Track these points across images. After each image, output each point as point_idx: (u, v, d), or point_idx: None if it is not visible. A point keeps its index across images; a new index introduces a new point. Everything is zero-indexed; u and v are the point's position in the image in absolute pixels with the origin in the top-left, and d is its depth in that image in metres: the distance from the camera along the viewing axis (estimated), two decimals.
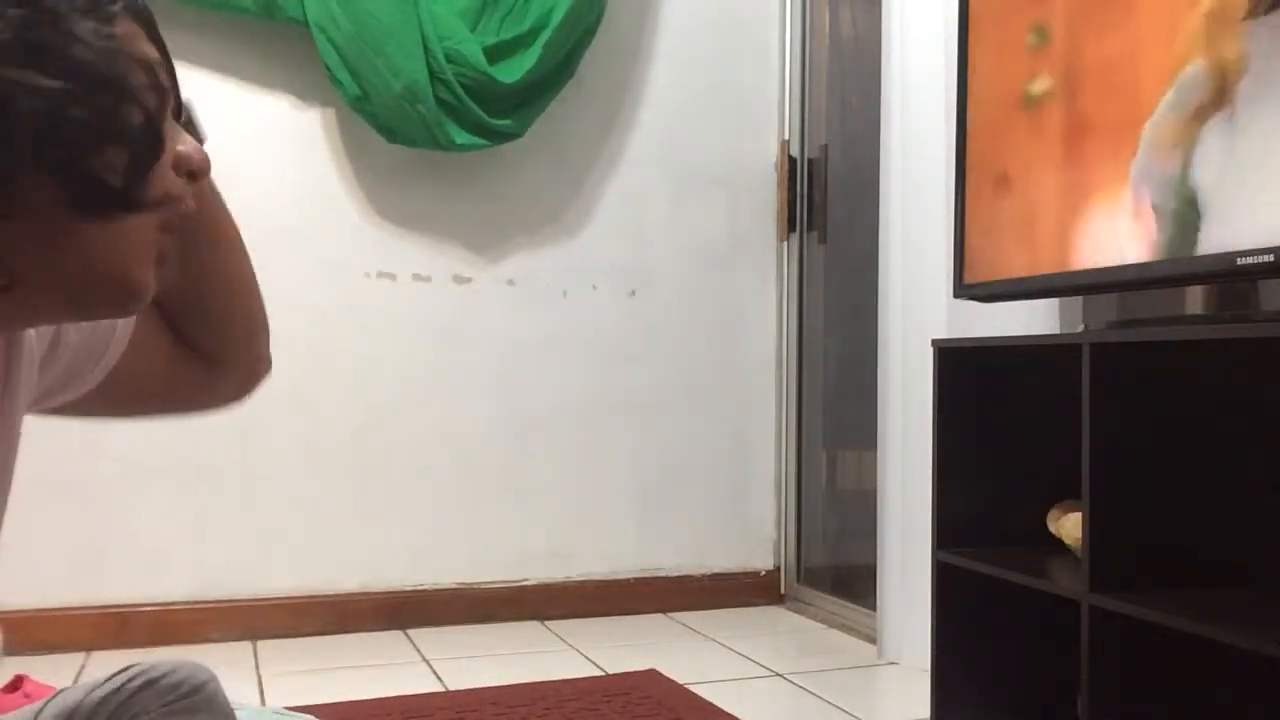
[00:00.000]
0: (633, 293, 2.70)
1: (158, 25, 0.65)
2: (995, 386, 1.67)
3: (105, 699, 0.83)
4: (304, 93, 2.45)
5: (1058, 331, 1.86)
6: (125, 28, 0.61)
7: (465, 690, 1.98)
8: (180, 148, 0.68)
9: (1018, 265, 1.61)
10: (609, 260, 2.68)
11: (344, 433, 2.47)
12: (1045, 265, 1.55)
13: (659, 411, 2.72)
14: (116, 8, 0.60)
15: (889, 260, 2.18)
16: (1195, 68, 1.29)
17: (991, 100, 1.67)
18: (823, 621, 2.60)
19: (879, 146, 2.22)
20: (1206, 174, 1.27)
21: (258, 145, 2.42)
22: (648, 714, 1.83)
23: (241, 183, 2.45)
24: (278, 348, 0.87)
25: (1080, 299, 1.83)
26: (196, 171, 0.69)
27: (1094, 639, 1.32)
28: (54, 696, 0.86)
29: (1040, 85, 1.56)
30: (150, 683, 0.83)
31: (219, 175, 0.73)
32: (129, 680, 0.84)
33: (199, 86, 2.37)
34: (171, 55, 0.67)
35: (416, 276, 2.54)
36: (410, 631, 2.45)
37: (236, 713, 0.91)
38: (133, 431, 2.30)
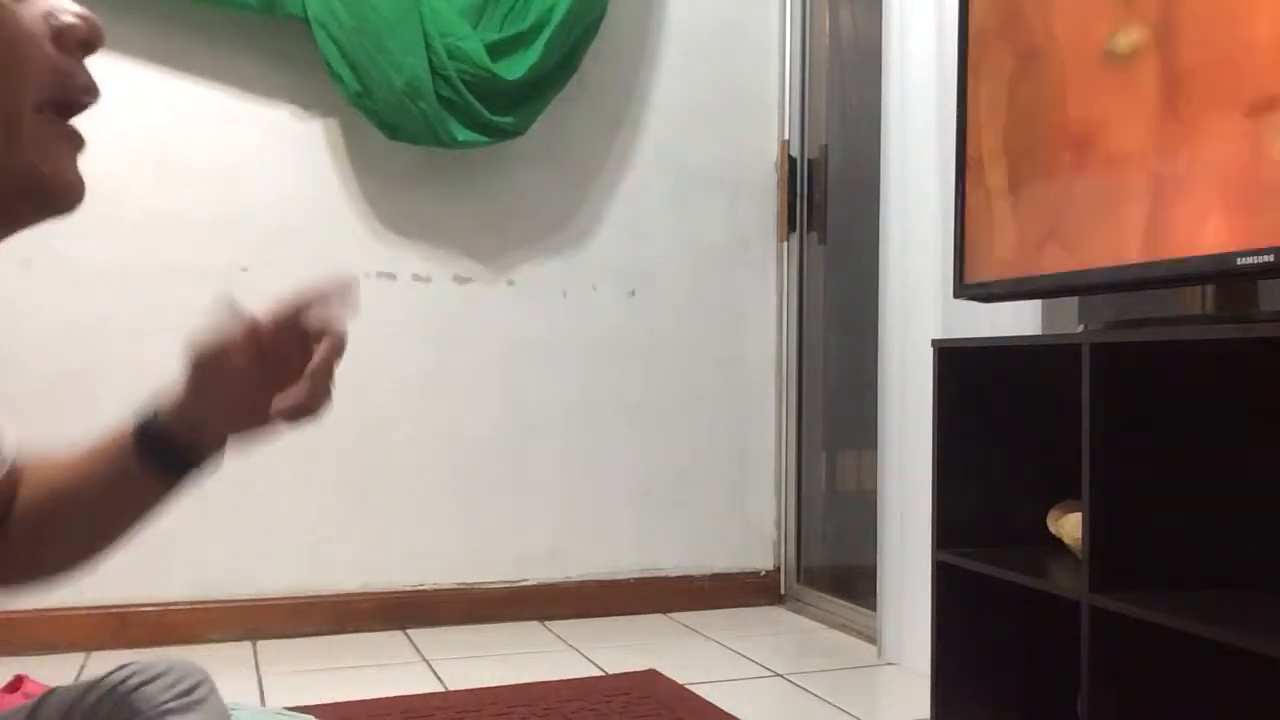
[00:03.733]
0: (633, 293, 2.70)
1: None
2: (995, 386, 1.67)
3: (101, 698, 0.83)
4: (305, 92, 2.44)
5: (1056, 331, 1.86)
6: None
7: (465, 690, 1.98)
8: (62, 17, 0.59)
9: (1018, 265, 1.61)
10: (609, 260, 2.68)
11: (344, 433, 2.47)
12: (1046, 265, 1.55)
13: (659, 411, 2.72)
14: None
15: (889, 260, 2.18)
16: None
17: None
18: (822, 621, 2.60)
19: (879, 146, 2.22)
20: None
21: (258, 145, 2.42)
22: (648, 714, 1.83)
23: (242, 183, 2.46)
24: None
25: (1079, 299, 1.83)
26: (89, 41, 0.61)
27: (1094, 639, 1.32)
28: (49, 694, 0.85)
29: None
30: (146, 682, 0.83)
31: (220, 175, 0.73)
32: (125, 679, 0.84)
33: (200, 86, 2.37)
34: (173, 55, 0.66)
35: (416, 277, 2.54)
36: (410, 631, 2.45)
37: (236, 713, 0.91)
38: None
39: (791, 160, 2.80)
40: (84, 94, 0.61)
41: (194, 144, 2.36)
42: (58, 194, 0.61)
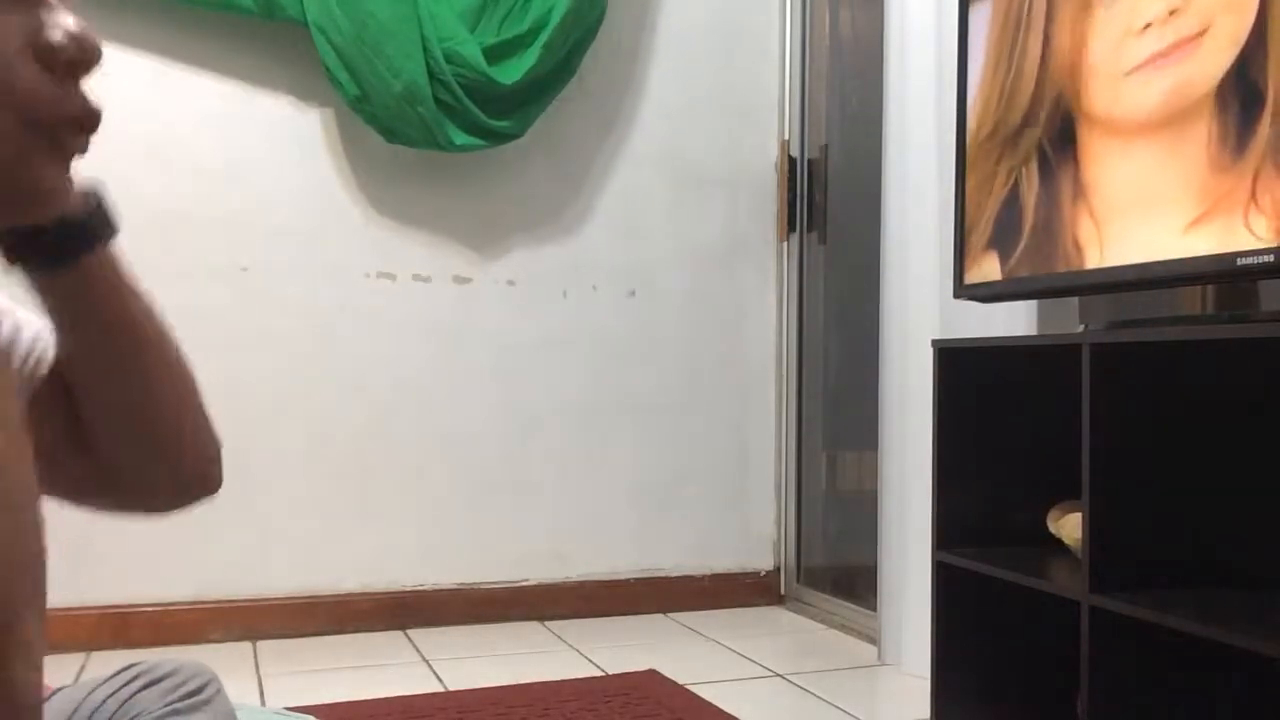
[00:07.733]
0: (633, 293, 2.70)
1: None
2: (995, 386, 1.67)
3: (107, 699, 0.83)
4: (304, 93, 2.44)
5: (1055, 331, 1.86)
6: None
7: (465, 690, 1.98)
8: (50, 35, 0.53)
9: (1018, 265, 1.61)
10: (609, 260, 2.68)
11: (344, 433, 2.47)
12: (1046, 265, 1.55)
13: (659, 412, 2.72)
14: None
15: (889, 260, 2.18)
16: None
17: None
18: (822, 622, 2.60)
19: (879, 146, 2.22)
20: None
21: (258, 146, 2.42)
22: (648, 714, 1.83)
23: (241, 183, 2.46)
24: (279, 348, 0.86)
25: (1079, 299, 1.83)
26: (76, 63, 0.55)
27: (1094, 639, 1.32)
28: (53, 695, 0.85)
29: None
30: (152, 682, 0.83)
31: (220, 175, 0.72)
32: (131, 679, 0.84)
33: (200, 87, 2.37)
34: (173, 55, 0.65)
35: (416, 276, 2.54)
36: (410, 631, 2.45)
37: (237, 713, 0.91)
38: None
39: (791, 160, 2.80)
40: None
41: (194, 144, 2.36)
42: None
